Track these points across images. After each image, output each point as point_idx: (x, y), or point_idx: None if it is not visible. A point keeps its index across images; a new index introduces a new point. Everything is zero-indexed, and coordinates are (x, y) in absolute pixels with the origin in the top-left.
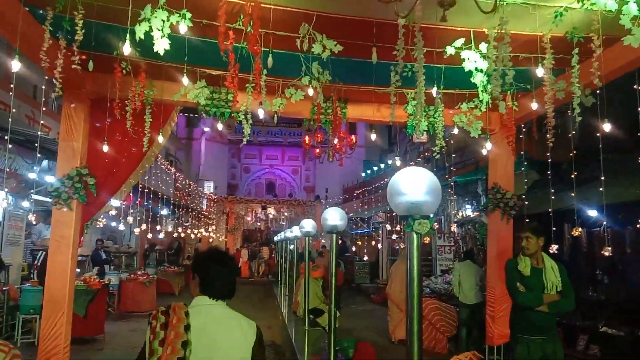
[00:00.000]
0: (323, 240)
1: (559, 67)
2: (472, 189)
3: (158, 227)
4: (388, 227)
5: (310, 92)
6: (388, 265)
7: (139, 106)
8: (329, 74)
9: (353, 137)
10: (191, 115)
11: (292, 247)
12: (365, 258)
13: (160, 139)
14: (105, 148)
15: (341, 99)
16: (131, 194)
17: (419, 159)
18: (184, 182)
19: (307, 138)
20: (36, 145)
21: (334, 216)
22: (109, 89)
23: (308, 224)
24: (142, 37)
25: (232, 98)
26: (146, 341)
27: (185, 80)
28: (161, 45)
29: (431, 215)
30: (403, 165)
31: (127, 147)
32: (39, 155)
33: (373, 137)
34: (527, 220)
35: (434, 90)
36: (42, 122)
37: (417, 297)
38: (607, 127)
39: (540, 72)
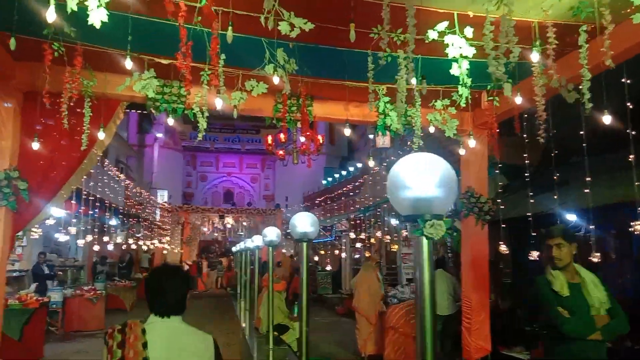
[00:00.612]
0: (284, 250)
1: (554, 53)
2: None
3: (107, 239)
4: (352, 235)
5: (276, 80)
6: (351, 274)
7: (76, 98)
8: (295, 62)
9: (320, 137)
10: (140, 111)
11: (252, 257)
12: (328, 268)
13: (102, 135)
14: (39, 147)
15: (308, 95)
16: (74, 202)
17: (383, 165)
18: (135, 191)
19: (269, 138)
20: None
21: (304, 222)
22: (43, 80)
23: (271, 232)
24: (75, 8)
25: (184, 86)
26: None
27: (128, 63)
28: (97, 16)
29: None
30: (365, 170)
31: (64, 146)
32: None
33: (347, 132)
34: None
35: (413, 81)
36: None
37: (430, 315)
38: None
39: (535, 57)
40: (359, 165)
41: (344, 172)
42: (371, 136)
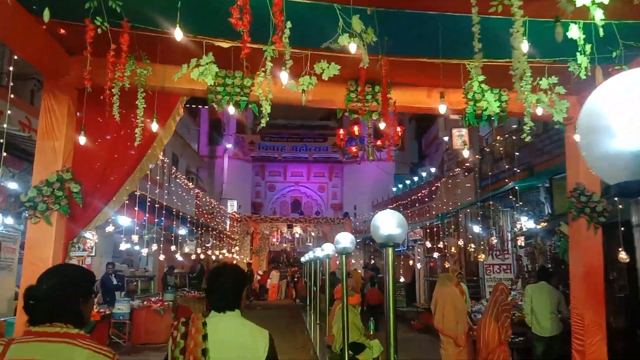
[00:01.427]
0: (353, 261)
1: None
2: (531, 198)
3: (174, 248)
4: (428, 244)
5: (353, 48)
6: (426, 286)
7: (131, 90)
8: (374, 32)
9: (399, 128)
10: (201, 106)
11: (322, 267)
12: (402, 279)
13: (155, 127)
14: (94, 147)
15: (387, 77)
16: (138, 209)
17: (460, 169)
18: (205, 200)
19: (341, 132)
20: (0, 141)
21: (389, 222)
22: (98, 77)
23: (344, 239)
24: None
25: (246, 70)
26: (168, 350)
27: (178, 34)
28: None
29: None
30: (441, 175)
31: (121, 145)
32: (14, 158)
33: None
34: (622, 229)
35: (524, 46)
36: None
37: None
38: None
39: None
40: (432, 169)
41: (415, 178)
42: (446, 138)
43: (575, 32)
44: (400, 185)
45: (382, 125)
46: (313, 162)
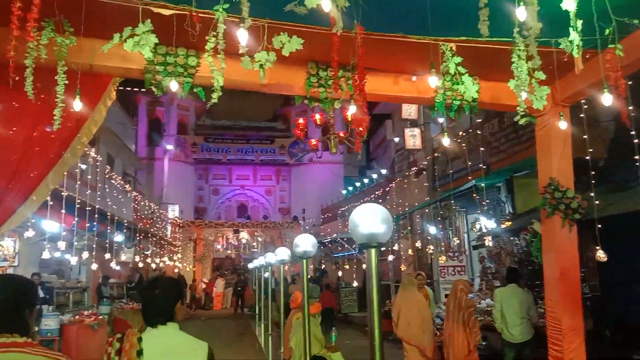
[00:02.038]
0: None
1: None
2: (490, 197)
3: (109, 256)
4: (382, 247)
5: (327, 5)
6: (380, 290)
7: (54, 68)
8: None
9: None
10: (137, 90)
11: (267, 274)
12: (355, 284)
13: (89, 118)
14: (6, 135)
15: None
16: (72, 215)
17: (412, 170)
18: (143, 204)
19: (300, 121)
20: None
21: (371, 218)
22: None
23: (305, 241)
24: None
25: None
26: None
27: None
28: None
29: None
30: (392, 176)
31: (40, 134)
32: None
33: (446, 142)
34: (598, 226)
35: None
36: None
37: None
38: None
39: None
40: (383, 171)
41: (366, 180)
42: (397, 139)
43: (570, 3)
44: (351, 188)
45: (352, 110)
46: (260, 165)
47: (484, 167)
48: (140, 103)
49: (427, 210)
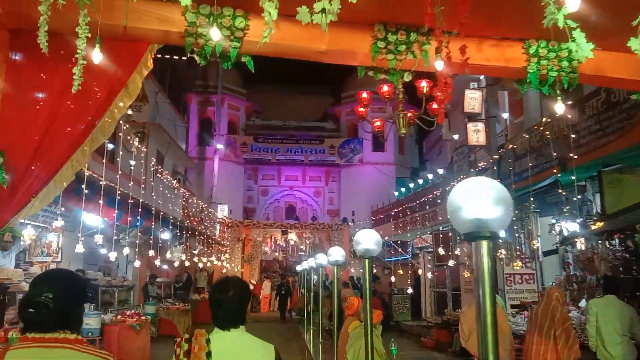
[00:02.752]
0: (353, 270)
1: None
2: (569, 196)
3: (154, 254)
4: (441, 251)
5: None
6: (433, 299)
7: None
8: None
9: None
10: (177, 57)
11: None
12: (410, 290)
13: (123, 90)
14: (28, 106)
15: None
16: (119, 210)
17: (473, 170)
18: (191, 201)
19: (364, 95)
20: None
21: (368, 239)
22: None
23: (367, 238)
24: None
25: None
26: None
27: None
28: None
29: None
30: (448, 178)
31: (66, 107)
32: None
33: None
34: None
35: None
36: None
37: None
38: None
39: None
40: (440, 170)
41: (420, 181)
42: (456, 136)
43: None
44: (403, 189)
45: (439, 65)
46: (309, 165)
47: (562, 162)
48: (191, 102)
49: None
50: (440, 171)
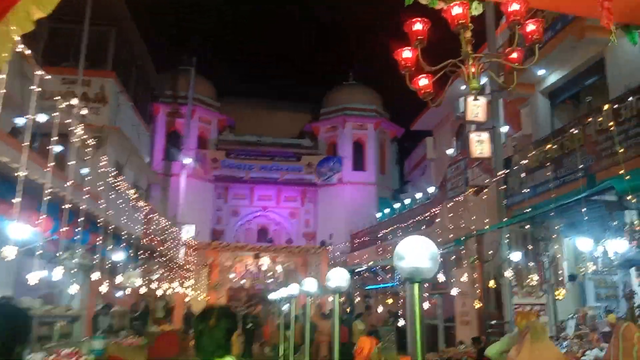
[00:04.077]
0: (331, 298)
1: None
2: (596, 213)
3: (110, 280)
4: (441, 277)
5: None
6: (426, 331)
7: None
8: None
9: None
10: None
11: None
12: (401, 322)
13: None
14: None
15: None
16: (59, 221)
17: (472, 188)
18: (155, 219)
19: (416, 27)
20: None
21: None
22: None
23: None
24: None
25: None
26: None
27: None
28: None
29: None
30: (441, 195)
31: None
32: None
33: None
34: None
35: None
36: None
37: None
38: None
39: None
40: (431, 189)
41: (407, 201)
42: (450, 151)
43: None
44: (387, 210)
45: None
46: (284, 184)
47: (589, 173)
48: (158, 113)
49: (506, 234)
50: (431, 190)
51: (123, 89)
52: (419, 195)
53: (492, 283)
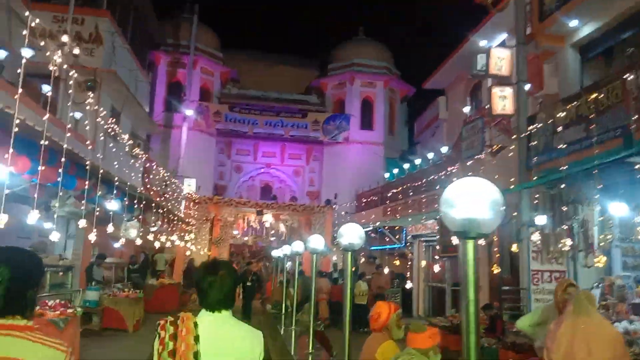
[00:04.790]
0: (335, 257)
1: None
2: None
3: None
4: (454, 240)
5: None
6: (427, 294)
7: None
8: None
9: None
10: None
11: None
12: (409, 285)
13: None
14: None
15: None
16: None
17: (490, 148)
18: (153, 170)
19: None
20: None
21: (352, 232)
22: None
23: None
24: None
25: None
26: (154, 352)
27: None
28: None
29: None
30: (456, 155)
31: None
32: None
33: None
34: None
35: None
36: None
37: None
38: None
39: None
40: (444, 149)
41: (418, 161)
42: (467, 109)
43: None
44: (396, 170)
45: None
46: (289, 141)
47: (619, 136)
48: (159, 63)
49: (530, 196)
50: (444, 149)
51: (119, 30)
52: (430, 156)
53: (514, 247)
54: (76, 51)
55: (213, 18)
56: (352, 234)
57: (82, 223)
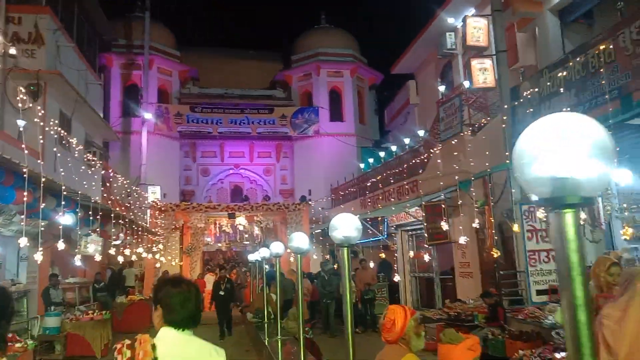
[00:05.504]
0: (315, 256)
1: None
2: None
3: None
4: (444, 225)
5: None
6: (414, 286)
7: None
8: None
9: None
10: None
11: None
12: (397, 278)
13: None
14: None
15: None
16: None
17: (471, 127)
18: (112, 178)
19: None
20: None
21: (347, 224)
22: None
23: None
24: None
25: None
26: None
27: None
28: None
29: None
30: (433, 138)
31: None
32: None
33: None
34: None
35: None
36: None
37: None
38: None
39: None
40: (421, 132)
41: (394, 148)
42: (442, 88)
43: None
44: (371, 160)
45: None
46: (257, 139)
47: (616, 97)
48: (112, 65)
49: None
50: (421, 133)
51: (62, 28)
52: (407, 141)
53: (516, 227)
54: (12, 50)
55: (167, 15)
56: (348, 225)
57: (24, 241)
